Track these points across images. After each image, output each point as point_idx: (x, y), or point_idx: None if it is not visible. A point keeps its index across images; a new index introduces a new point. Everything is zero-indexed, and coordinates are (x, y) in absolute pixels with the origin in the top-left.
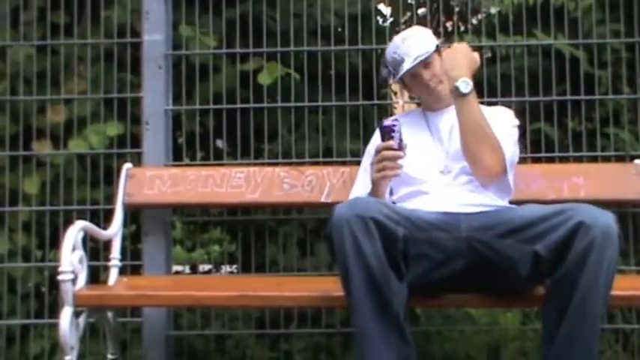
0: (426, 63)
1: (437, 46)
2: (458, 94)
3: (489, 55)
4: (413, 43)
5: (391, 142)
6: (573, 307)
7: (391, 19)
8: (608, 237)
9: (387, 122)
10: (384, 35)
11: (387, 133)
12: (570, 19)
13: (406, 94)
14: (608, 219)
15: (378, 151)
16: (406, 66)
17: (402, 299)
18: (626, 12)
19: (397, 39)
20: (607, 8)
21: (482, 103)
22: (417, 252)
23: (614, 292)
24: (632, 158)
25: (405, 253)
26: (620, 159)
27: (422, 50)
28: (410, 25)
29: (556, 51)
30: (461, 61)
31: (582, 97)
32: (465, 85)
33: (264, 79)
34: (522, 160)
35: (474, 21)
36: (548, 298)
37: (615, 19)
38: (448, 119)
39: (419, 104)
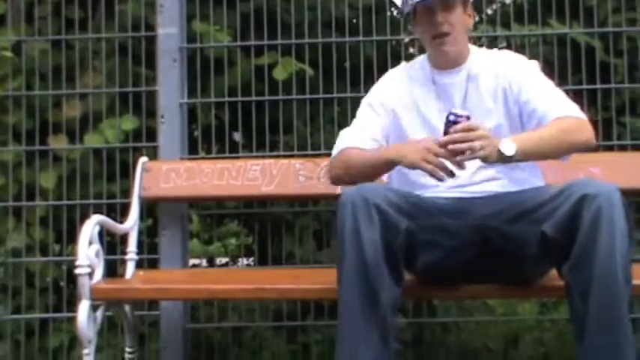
0: (446, 4)
1: None
2: (505, 159)
3: (504, 44)
4: None
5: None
6: (596, 283)
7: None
8: (613, 202)
9: (461, 117)
10: (398, 27)
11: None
12: (585, 7)
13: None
14: (609, 187)
15: (441, 145)
16: None
17: (393, 298)
18: None
19: None
20: None
21: None
22: (428, 239)
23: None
24: None
25: (410, 245)
26: (636, 148)
27: None
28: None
29: (571, 40)
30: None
31: (598, 86)
32: (508, 146)
33: (279, 74)
34: None
35: (489, 11)
36: (570, 285)
37: (631, 8)
38: (460, 85)
39: None
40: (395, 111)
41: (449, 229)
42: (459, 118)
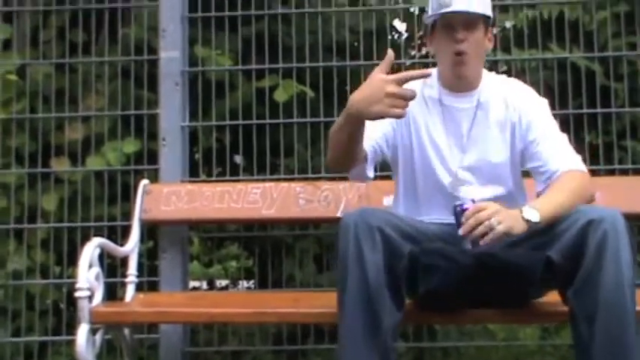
0: (468, 22)
1: (488, 19)
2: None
3: (505, 69)
4: None
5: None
6: (602, 308)
7: (406, 35)
8: (618, 228)
9: (466, 204)
10: (399, 51)
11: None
12: (585, 32)
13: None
14: (613, 212)
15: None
16: (450, 8)
17: (394, 323)
18: None
19: None
20: (622, 21)
21: None
22: (429, 263)
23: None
24: None
25: (411, 270)
26: (637, 172)
27: (477, 6)
28: (425, 41)
29: (572, 64)
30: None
31: (599, 110)
32: (532, 213)
33: (280, 96)
34: None
35: None
36: (574, 310)
37: (631, 32)
38: (469, 111)
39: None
40: (405, 124)
41: (448, 255)
42: (465, 205)
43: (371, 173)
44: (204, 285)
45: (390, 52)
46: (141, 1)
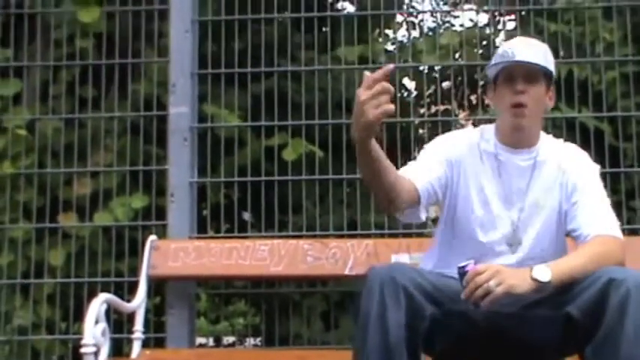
0: (529, 75)
1: (551, 77)
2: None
3: None
4: (535, 50)
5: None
6: None
7: (415, 93)
8: None
9: (467, 267)
10: (407, 108)
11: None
12: (594, 92)
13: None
14: (635, 272)
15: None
16: (511, 58)
17: None
18: None
19: (518, 38)
20: (631, 81)
21: None
22: (448, 324)
23: None
24: None
25: (430, 333)
26: None
27: (538, 59)
28: (434, 99)
29: (580, 124)
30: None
31: (607, 169)
32: (543, 272)
33: (289, 155)
34: None
35: None
36: None
37: (639, 92)
38: (525, 170)
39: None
40: (456, 173)
41: (468, 317)
42: (467, 267)
43: (423, 215)
44: (211, 342)
45: (367, 73)
46: (151, 56)
